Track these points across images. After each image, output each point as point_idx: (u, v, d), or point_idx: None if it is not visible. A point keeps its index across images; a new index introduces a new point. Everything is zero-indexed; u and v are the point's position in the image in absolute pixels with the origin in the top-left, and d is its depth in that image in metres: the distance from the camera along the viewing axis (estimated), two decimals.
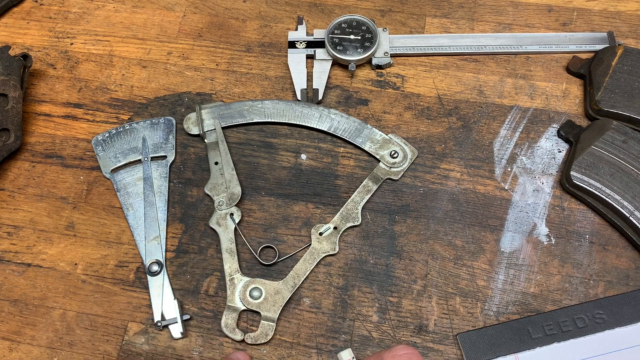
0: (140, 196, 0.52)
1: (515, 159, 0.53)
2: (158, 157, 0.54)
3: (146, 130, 0.55)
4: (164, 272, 0.48)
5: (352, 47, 0.58)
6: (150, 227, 0.50)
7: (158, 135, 0.55)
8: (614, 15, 0.61)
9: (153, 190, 0.52)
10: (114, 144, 0.54)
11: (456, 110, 0.56)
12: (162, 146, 0.54)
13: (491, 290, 0.48)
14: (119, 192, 0.52)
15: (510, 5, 0.63)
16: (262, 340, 0.46)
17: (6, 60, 0.52)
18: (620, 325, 0.45)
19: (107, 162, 0.54)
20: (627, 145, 0.51)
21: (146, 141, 0.54)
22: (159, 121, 0.55)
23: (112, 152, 0.54)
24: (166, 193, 0.52)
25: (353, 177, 0.53)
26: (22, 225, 0.51)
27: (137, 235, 0.50)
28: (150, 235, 0.50)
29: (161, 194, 0.52)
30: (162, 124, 0.55)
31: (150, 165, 0.53)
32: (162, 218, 0.51)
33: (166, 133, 0.55)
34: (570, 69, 0.58)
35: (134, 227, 0.50)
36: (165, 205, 0.51)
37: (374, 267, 0.49)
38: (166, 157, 0.54)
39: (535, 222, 0.50)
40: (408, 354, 0.37)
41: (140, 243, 0.50)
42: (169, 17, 0.63)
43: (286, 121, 0.55)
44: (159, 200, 0.51)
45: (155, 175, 0.53)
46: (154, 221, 0.50)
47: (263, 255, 0.50)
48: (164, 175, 0.53)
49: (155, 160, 0.54)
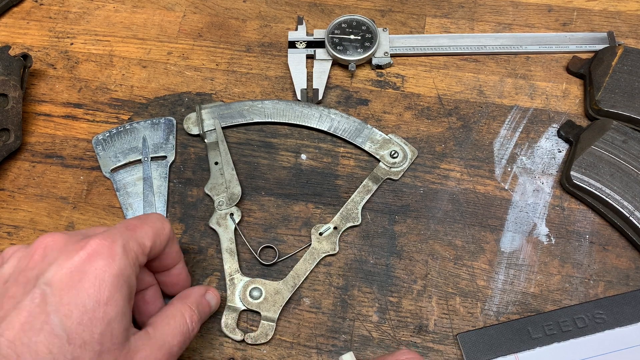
0: (139, 196, 0.52)
1: (515, 159, 0.53)
2: (158, 157, 0.54)
3: (147, 130, 0.55)
4: None
5: (352, 47, 0.58)
6: None
7: (158, 135, 0.55)
8: (614, 15, 0.61)
9: (152, 190, 0.52)
10: (115, 143, 0.54)
11: (456, 110, 0.56)
12: (163, 146, 0.54)
13: (491, 290, 0.48)
14: (119, 191, 0.52)
15: (510, 5, 0.63)
16: (262, 340, 0.46)
17: (6, 60, 0.52)
18: (620, 325, 0.45)
19: (107, 162, 0.54)
20: (627, 145, 0.51)
21: (146, 141, 0.54)
22: (159, 121, 0.55)
23: (112, 151, 0.54)
24: (165, 193, 0.52)
25: (353, 177, 0.53)
26: (22, 225, 0.51)
27: None
28: None
29: (160, 195, 0.52)
30: (162, 124, 0.55)
31: (150, 165, 0.53)
32: None
33: (166, 133, 0.55)
34: (570, 69, 0.58)
35: None
36: (164, 205, 0.51)
37: (374, 267, 0.49)
38: (166, 157, 0.54)
39: (535, 222, 0.51)
40: (409, 358, 0.37)
41: None
42: (169, 17, 0.63)
43: (286, 121, 0.55)
44: (158, 200, 0.51)
45: (155, 176, 0.53)
46: None
47: (263, 255, 0.50)
48: (163, 176, 0.53)
49: (155, 160, 0.54)
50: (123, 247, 0.35)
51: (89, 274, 0.33)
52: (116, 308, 0.33)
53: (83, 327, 0.32)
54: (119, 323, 0.33)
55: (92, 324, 0.32)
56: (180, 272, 0.43)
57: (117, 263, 0.34)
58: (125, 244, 0.35)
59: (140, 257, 0.36)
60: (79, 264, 0.33)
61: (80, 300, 0.32)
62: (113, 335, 0.33)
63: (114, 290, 0.33)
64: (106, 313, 0.32)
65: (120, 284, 0.34)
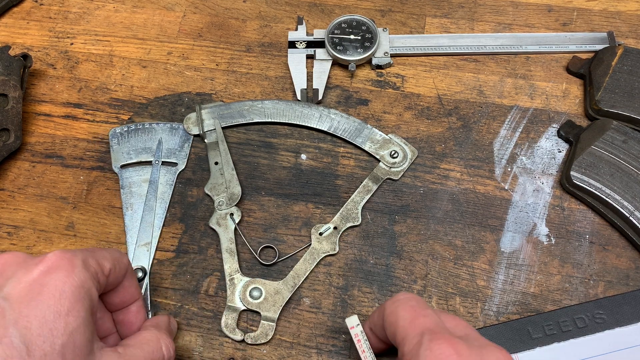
0: (142, 198, 0.51)
1: (515, 159, 0.53)
2: (169, 162, 0.53)
3: (164, 133, 0.54)
4: (147, 280, 0.48)
5: (352, 47, 0.58)
6: (144, 232, 0.50)
7: (174, 141, 0.54)
8: (614, 15, 0.61)
9: (156, 195, 0.51)
10: (130, 139, 0.54)
11: (456, 110, 0.56)
12: (176, 153, 0.54)
13: (491, 290, 0.48)
14: (123, 189, 0.52)
15: (510, 5, 0.63)
16: (262, 340, 0.46)
17: (6, 60, 0.52)
18: (620, 325, 0.45)
19: (119, 157, 0.53)
20: (627, 145, 0.51)
21: (162, 144, 0.54)
22: (178, 127, 0.55)
23: (126, 147, 0.54)
24: (168, 201, 0.51)
25: (353, 177, 0.53)
26: (22, 225, 0.51)
27: (130, 237, 0.50)
28: (142, 240, 0.49)
29: (163, 201, 0.51)
30: (180, 131, 0.55)
31: (160, 169, 0.53)
32: (158, 225, 0.50)
33: (183, 140, 0.54)
34: (570, 69, 0.58)
35: (128, 228, 0.50)
36: (164, 212, 0.51)
37: (374, 267, 0.49)
38: (177, 164, 0.53)
39: (535, 222, 0.50)
40: (407, 298, 0.38)
41: (130, 245, 0.49)
42: (169, 17, 0.63)
43: (286, 121, 0.55)
44: (159, 206, 0.51)
45: (161, 181, 0.52)
46: (149, 227, 0.50)
47: (263, 255, 0.50)
48: (170, 182, 0.52)
49: (165, 165, 0.53)
50: (83, 261, 0.34)
51: (49, 286, 0.32)
52: (78, 319, 0.32)
53: (43, 338, 0.31)
54: (81, 335, 0.32)
55: (52, 335, 0.31)
56: (138, 311, 0.41)
57: (77, 275, 0.33)
58: (84, 259, 0.35)
59: (100, 275, 0.36)
60: (38, 277, 0.33)
61: (40, 311, 0.31)
62: (75, 347, 0.32)
63: (74, 301, 0.32)
64: (67, 324, 0.32)
65: (82, 296, 0.33)
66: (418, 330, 0.35)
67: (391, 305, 0.38)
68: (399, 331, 0.36)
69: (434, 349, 0.33)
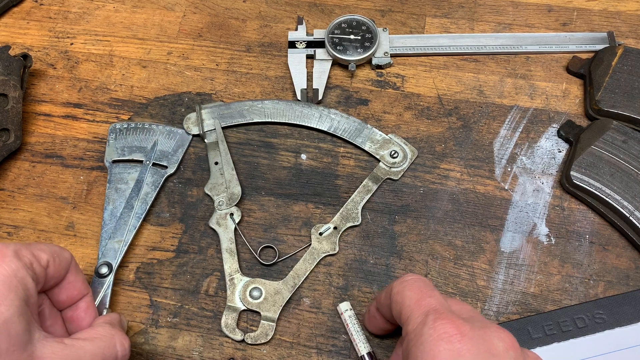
0: (124, 196, 0.51)
1: (515, 159, 0.53)
2: (160, 165, 0.53)
3: (161, 135, 0.54)
4: (110, 277, 0.47)
5: (352, 47, 0.58)
6: (118, 229, 0.49)
7: (170, 144, 0.54)
8: (614, 15, 0.61)
9: (138, 195, 0.51)
10: (127, 137, 0.54)
11: (456, 110, 0.56)
12: (168, 157, 0.54)
13: (491, 290, 0.48)
14: (109, 183, 0.52)
15: (510, 5, 0.63)
16: (262, 340, 0.46)
17: (6, 60, 0.52)
18: (620, 325, 0.45)
19: (112, 152, 0.53)
20: (627, 145, 0.51)
21: (156, 146, 0.54)
22: (177, 132, 0.55)
23: (121, 143, 0.54)
24: (149, 203, 0.51)
25: (353, 177, 0.53)
26: (22, 225, 0.51)
27: (104, 232, 0.49)
28: (115, 237, 0.49)
29: (144, 202, 0.51)
30: (178, 135, 0.55)
31: (149, 170, 0.53)
32: (134, 225, 0.50)
33: (178, 145, 0.54)
34: (570, 69, 0.58)
35: (105, 222, 0.50)
36: (143, 214, 0.50)
37: (374, 267, 0.49)
38: (167, 167, 0.53)
39: (535, 222, 0.50)
40: (414, 279, 0.38)
41: (103, 240, 0.49)
42: (169, 17, 0.63)
43: (286, 121, 0.55)
44: (139, 207, 0.50)
45: (147, 181, 0.52)
46: (124, 225, 0.49)
47: (263, 255, 0.50)
48: (155, 184, 0.52)
49: (155, 167, 0.53)
50: (14, 251, 0.34)
51: None
52: (11, 308, 0.32)
53: None
54: (16, 324, 0.32)
55: None
56: (88, 307, 0.40)
57: (7, 264, 0.33)
58: (17, 250, 0.35)
59: (35, 265, 0.35)
60: None
61: None
62: (11, 336, 0.32)
63: (6, 290, 0.32)
64: (0, 313, 0.32)
65: (14, 284, 0.33)
66: (423, 309, 0.35)
67: (398, 285, 0.38)
68: (404, 310, 0.36)
69: (437, 328, 0.33)
